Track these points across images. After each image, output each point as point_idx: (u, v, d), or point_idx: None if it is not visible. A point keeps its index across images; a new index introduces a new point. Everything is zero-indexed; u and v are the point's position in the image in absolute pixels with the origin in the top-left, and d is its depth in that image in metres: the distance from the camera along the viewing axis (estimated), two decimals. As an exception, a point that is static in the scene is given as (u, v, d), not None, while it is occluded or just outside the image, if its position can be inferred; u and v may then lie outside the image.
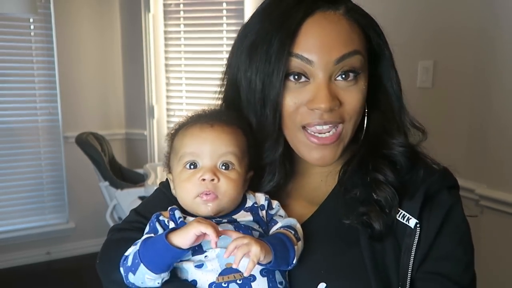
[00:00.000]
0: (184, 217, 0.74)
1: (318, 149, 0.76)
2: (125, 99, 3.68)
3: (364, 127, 0.82)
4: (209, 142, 0.75)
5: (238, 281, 0.68)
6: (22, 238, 3.40)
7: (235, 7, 3.19)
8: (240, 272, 0.68)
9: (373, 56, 0.80)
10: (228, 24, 3.22)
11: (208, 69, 3.24)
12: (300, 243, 0.73)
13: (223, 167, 0.75)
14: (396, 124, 0.81)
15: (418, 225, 0.73)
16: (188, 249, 0.68)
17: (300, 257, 0.73)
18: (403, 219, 0.74)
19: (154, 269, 0.68)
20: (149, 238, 0.70)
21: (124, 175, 3.20)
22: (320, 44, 0.72)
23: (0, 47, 3.25)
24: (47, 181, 3.50)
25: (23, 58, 3.33)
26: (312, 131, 0.76)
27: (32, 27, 3.30)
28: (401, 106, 0.81)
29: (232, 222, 0.74)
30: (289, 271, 0.74)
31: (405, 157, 0.78)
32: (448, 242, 0.74)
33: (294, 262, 0.71)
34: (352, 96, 0.75)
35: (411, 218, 0.73)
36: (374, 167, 0.77)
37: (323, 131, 0.75)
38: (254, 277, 0.69)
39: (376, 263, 0.72)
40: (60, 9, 3.32)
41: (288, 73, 0.74)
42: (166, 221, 0.73)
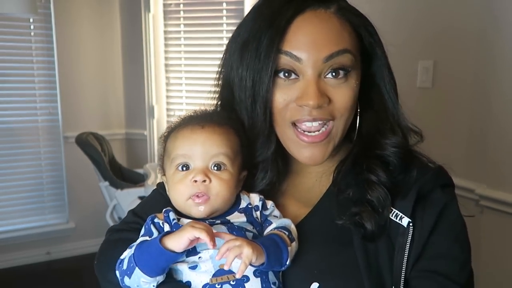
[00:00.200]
0: (178, 218, 0.74)
1: (307, 147, 0.76)
2: (125, 99, 3.68)
3: (357, 126, 0.82)
4: (200, 144, 0.75)
5: (231, 282, 0.68)
6: (22, 238, 3.40)
7: (235, 7, 3.19)
8: (233, 273, 0.68)
9: (366, 56, 0.80)
10: (228, 24, 3.22)
11: (208, 69, 3.23)
12: (294, 244, 0.74)
13: (215, 168, 0.75)
14: (389, 124, 0.81)
15: (411, 224, 0.72)
16: (182, 252, 0.68)
17: (294, 257, 0.73)
18: (396, 218, 0.74)
19: (149, 272, 0.68)
20: (143, 242, 0.70)
21: (124, 175, 3.20)
22: (309, 41, 0.73)
23: (0, 47, 3.25)
24: (47, 181, 3.50)
25: (23, 58, 3.33)
26: (301, 129, 0.76)
27: (32, 27, 3.30)
28: (394, 106, 0.81)
29: (226, 223, 0.74)
30: (282, 271, 0.74)
31: (398, 158, 0.78)
32: (443, 240, 0.74)
33: (287, 263, 0.71)
34: (341, 94, 0.75)
35: (403, 217, 0.73)
36: (367, 167, 0.77)
37: (313, 129, 0.76)
38: (247, 278, 0.69)
39: (369, 263, 0.72)
40: (60, 9, 3.32)
41: (278, 70, 0.74)
42: (161, 223, 0.74)
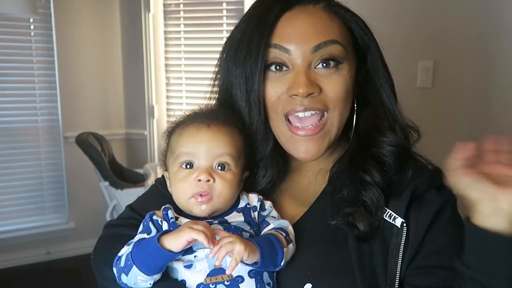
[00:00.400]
0: (177, 217, 0.74)
1: (302, 141, 0.77)
2: (125, 99, 3.68)
3: (354, 124, 0.82)
4: (205, 143, 0.75)
5: (226, 282, 0.69)
6: (22, 238, 3.39)
7: (235, 7, 3.19)
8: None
9: (360, 50, 0.80)
10: (228, 24, 3.22)
11: (208, 69, 3.17)
12: (291, 245, 0.73)
13: (219, 167, 0.75)
14: (387, 120, 0.81)
15: (405, 224, 0.72)
16: (180, 252, 0.68)
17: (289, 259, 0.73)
18: (390, 219, 0.74)
19: (146, 271, 0.68)
20: (141, 240, 0.70)
21: (124, 175, 3.20)
22: (297, 33, 0.74)
23: (0, 47, 3.25)
24: (47, 181, 3.50)
25: (23, 58, 3.33)
26: (295, 123, 0.76)
27: (32, 27, 3.30)
28: (390, 101, 0.81)
29: (223, 223, 0.74)
30: (277, 272, 0.74)
31: (394, 157, 0.78)
32: (438, 239, 0.74)
33: (282, 264, 0.71)
34: (333, 83, 0.75)
35: (397, 218, 0.73)
36: (362, 167, 0.78)
37: (306, 122, 0.76)
38: (242, 278, 0.69)
39: (363, 263, 0.72)
40: (60, 9, 3.32)
41: (269, 64, 0.75)
42: (160, 220, 0.74)
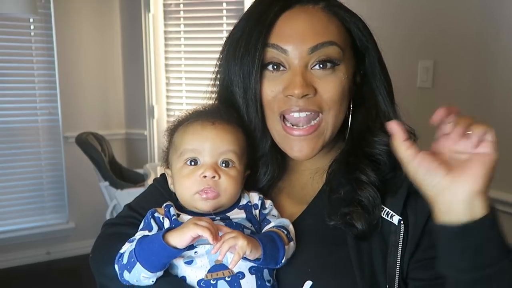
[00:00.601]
0: (178, 214, 0.75)
1: (296, 141, 0.77)
2: (125, 99, 3.68)
3: (349, 124, 0.83)
4: (210, 140, 0.76)
5: (226, 278, 0.69)
6: (22, 238, 3.40)
7: (235, 7, 3.19)
8: (229, 269, 0.69)
9: (358, 52, 0.81)
10: (228, 24, 3.22)
11: (208, 69, 3.18)
12: (292, 243, 0.74)
13: (223, 164, 0.76)
14: (379, 121, 0.81)
15: (402, 221, 0.72)
16: (184, 248, 0.68)
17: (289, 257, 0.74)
18: (387, 217, 0.74)
19: (150, 267, 0.68)
20: (145, 237, 0.71)
21: (124, 175, 3.20)
22: (295, 34, 0.74)
23: (0, 47, 3.25)
24: (47, 181, 3.50)
25: (23, 58, 3.33)
26: (289, 122, 0.77)
27: (32, 27, 3.30)
28: (386, 103, 0.81)
29: (225, 219, 0.75)
30: (277, 270, 0.75)
31: (388, 156, 0.78)
32: (433, 238, 0.73)
33: (283, 261, 0.71)
34: (328, 84, 0.75)
35: (394, 215, 0.73)
36: (357, 166, 0.78)
37: (300, 122, 0.76)
38: (242, 274, 0.70)
39: (362, 262, 0.72)
40: (60, 9, 3.32)
41: (267, 63, 0.76)
42: (161, 218, 0.74)
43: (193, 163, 0.76)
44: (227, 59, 0.82)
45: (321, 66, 0.75)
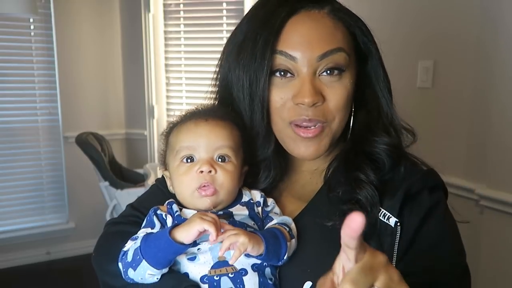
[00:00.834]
0: (180, 209, 0.75)
1: (303, 141, 0.77)
2: (125, 99, 3.68)
3: (351, 125, 0.83)
4: (204, 136, 0.76)
5: (230, 275, 0.69)
6: (22, 238, 3.40)
7: (235, 7, 3.19)
8: (232, 266, 0.69)
9: (361, 55, 0.81)
10: (228, 24, 3.22)
11: (208, 69, 3.21)
12: (293, 241, 0.74)
13: (220, 159, 0.76)
14: (381, 123, 0.81)
15: (398, 223, 0.72)
16: (189, 244, 0.68)
17: (290, 255, 0.74)
18: (384, 218, 0.74)
19: (156, 264, 0.68)
20: (149, 234, 0.71)
21: (124, 175, 3.20)
22: (303, 41, 0.74)
23: (0, 47, 3.25)
24: (47, 181, 3.50)
25: (23, 58, 3.33)
26: (298, 130, 0.77)
27: (32, 27, 3.30)
28: (388, 105, 0.82)
29: (228, 216, 0.75)
30: (279, 268, 0.75)
31: (388, 156, 0.79)
32: (425, 243, 0.74)
33: (285, 258, 0.72)
34: (335, 92, 0.76)
35: (391, 217, 0.73)
36: (356, 165, 0.78)
37: (310, 132, 0.77)
38: (245, 271, 0.70)
39: None
40: (60, 9, 3.32)
41: (274, 69, 0.76)
42: (164, 215, 0.74)
43: (189, 160, 0.76)
44: (229, 61, 0.82)
45: (328, 72, 0.75)
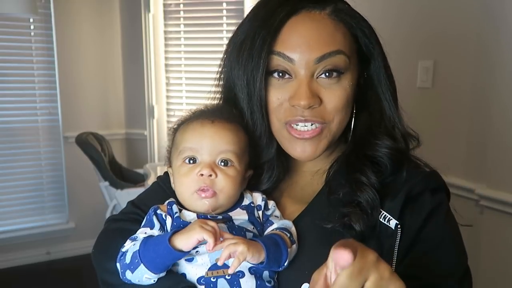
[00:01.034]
0: (180, 210, 0.75)
1: (299, 142, 0.77)
2: (125, 99, 3.68)
3: (352, 127, 0.82)
4: (209, 138, 0.75)
5: (226, 276, 0.69)
6: (22, 238, 3.40)
7: (235, 7, 3.19)
8: (229, 268, 0.69)
9: (364, 57, 0.80)
10: (228, 24, 3.22)
11: (208, 69, 3.23)
12: (294, 246, 0.74)
13: (222, 163, 0.75)
14: (384, 126, 0.81)
15: (399, 226, 0.72)
16: (189, 251, 0.68)
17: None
18: (385, 220, 0.74)
19: (154, 269, 0.68)
20: (149, 238, 0.70)
21: (124, 175, 3.20)
22: (301, 42, 0.73)
23: (0, 47, 3.25)
24: (47, 181, 3.50)
25: (23, 58, 3.33)
26: (294, 131, 0.77)
27: (32, 27, 3.30)
28: (391, 109, 0.81)
29: (227, 220, 0.75)
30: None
31: (389, 159, 0.78)
32: (426, 244, 0.73)
33: (285, 264, 0.71)
34: (333, 94, 0.75)
35: (391, 219, 0.73)
36: (357, 168, 0.77)
37: (306, 133, 0.76)
38: (242, 273, 0.70)
39: None
40: (60, 9, 3.32)
41: (272, 70, 0.75)
42: (164, 215, 0.74)
43: (191, 161, 0.76)
44: (230, 60, 0.81)
45: (327, 75, 0.74)
